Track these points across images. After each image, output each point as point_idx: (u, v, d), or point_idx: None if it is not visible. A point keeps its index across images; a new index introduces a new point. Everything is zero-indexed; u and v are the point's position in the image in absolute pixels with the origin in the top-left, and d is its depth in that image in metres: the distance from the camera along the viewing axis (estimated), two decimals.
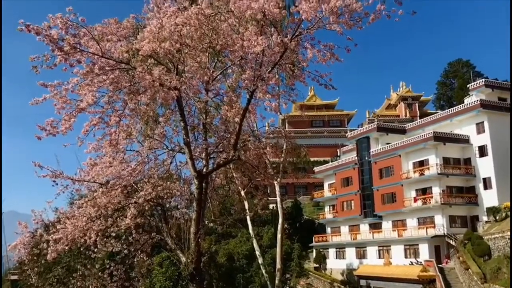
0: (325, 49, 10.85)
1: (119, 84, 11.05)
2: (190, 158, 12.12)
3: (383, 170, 64.71)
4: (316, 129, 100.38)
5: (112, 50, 10.71)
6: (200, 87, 12.59)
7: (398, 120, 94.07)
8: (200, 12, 9.90)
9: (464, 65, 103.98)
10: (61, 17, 9.43)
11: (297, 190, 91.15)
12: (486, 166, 56.56)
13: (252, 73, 11.04)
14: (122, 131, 11.95)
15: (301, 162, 29.43)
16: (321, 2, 9.33)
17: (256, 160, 14.25)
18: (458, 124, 60.37)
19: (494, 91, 60.41)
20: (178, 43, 10.47)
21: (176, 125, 13.49)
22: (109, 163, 12.52)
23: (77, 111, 11.12)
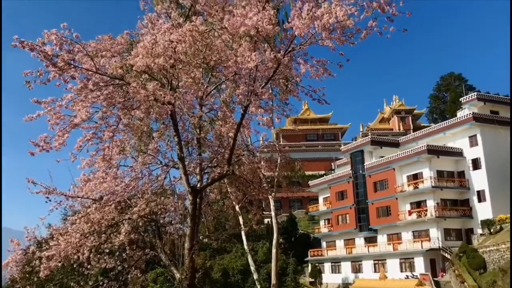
0: (318, 65, 10.96)
1: (113, 99, 11.08)
2: (184, 173, 12.10)
3: (377, 183, 64.79)
4: (310, 142, 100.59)
5: (106, 66, 10.75)
6: (194, 102, 12.63)
7: (391, 133, 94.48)
8: (194, 28, 9.97)
9: (456, 79, 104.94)
10: (56, 33, 9.47)
11: (292, 204, 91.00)
12: (479, 179, 56.79)
13: (246, 88, 11.10)
14: (115, 146, 11.94)
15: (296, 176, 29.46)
16: (314, 19, 9.43)
17: (250, 174, 14.25)
18: (451, 137, 60.73)
19: (486, 104, 60.95)
20: (172, 58, 10.52)
21: (170, 140, 13.50)
22: (102, 179, 12.46)
23: (71, 127, 11.13)
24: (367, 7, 9.75)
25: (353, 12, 9.73)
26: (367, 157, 67.92)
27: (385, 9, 9.67)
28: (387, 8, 9.59)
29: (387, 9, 9.63)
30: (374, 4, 9.68)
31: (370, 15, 9.89)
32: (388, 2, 9.59)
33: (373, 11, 9.82)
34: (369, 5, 9.72)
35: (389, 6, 9.61)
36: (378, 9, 9.71)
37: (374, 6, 9.69)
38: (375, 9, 9.74)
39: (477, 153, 57.70)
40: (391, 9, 9.61)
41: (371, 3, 9.70)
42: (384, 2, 9.58)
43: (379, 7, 9.67)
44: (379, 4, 9.61)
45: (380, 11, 9.68)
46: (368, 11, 9.82)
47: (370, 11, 9.82)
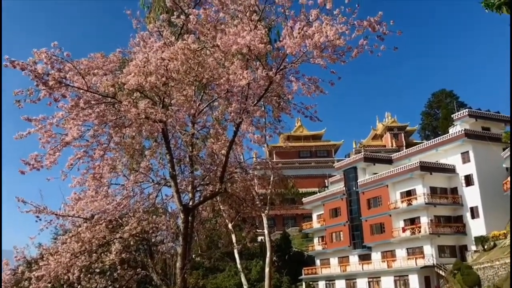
0: (310, 82, 11.03)
1: (104, 117, 11.05)
2: (176, 192, 12.01)
3: (371, 200, 64.76)
4: (304, 159, 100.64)
5: (98, 84, 10.74)
6: (186, 119, 12.62)
7: (384, 150, 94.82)
8: (186, 47, 10.01)
9: (448, 96, 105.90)
10: (46, 51, 9.47)
11: (286, 221, 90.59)
12: (472, 195, 56.95)
13: (238, 106, 11.13)
14: (106, 164, 11.87)
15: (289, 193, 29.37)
16: (305, 38, 9.51)
17: (243, 192, 14.17)
18: (444, 153, 61.05)
19: (477, 121, 61.48)
20: (164, 76, 10.54)
21: (162, 158, 13.43)
22: (92, 197, 12.35)
23: (62, 145, 11.07)
24: (358, 26, 9.87)
25: (344, 31, 9.84)
26: (360, 174, 68.00)
27: (376, 28, 9.79)
28: (378, 27, 9.70)
29: (378, 28, 9.74)
30: (364, 23, 9.79)
31: (361, 33, 10.01)
32: (378, 21, 9.71)
33: (364, 30, 9.93)
34: (360, 24, 9.84)
35: (380, 25, 9.73)
36: (369, 28, 9.83)
37: (364, 25, 9.80)
38: (365, 28, 9.86)
39: (469, 170, 57.97)
40: (382, 28, 9.73)
41: (361, 22, 9.82)
42: (374, 21, 9.70)
43: (369, 26, 9.78)
44: (370, 23, 9.73)
45: (371, 30, 9.80)
46: (359, 30, 9.93)
47: (361, 30, 9.93)
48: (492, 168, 56.09)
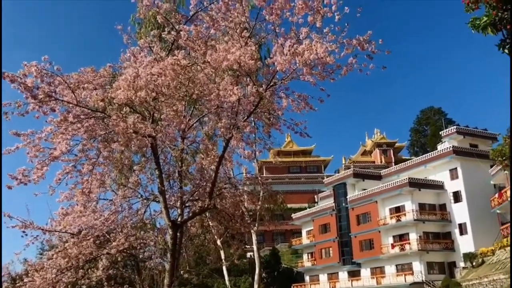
0: (300, 99, 11.12)
1: (93, 132, 11.00)
2: (164, 207, 11.93)
3: (360, 216, 64.82)
4: (294, 175, 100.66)
5: (87, 99, 10.72)
6: (176, 134, 12.60)
7: (373, 166, 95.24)
8: (176, 62, 10.05)
9: (436, 113, 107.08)
10: (36, 65, 9.45)
11: (275, 237, 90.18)
12: (461, 211, 57.27)
13: (228, 121, 11.15)
14: (95, 179, 11.78)
15: (278, 209, 29.28)
16: (295, 55, 9.61)
17: (232, 208, 14.09)
18: (432, 170, 61.46)
19: (465, 138, 62.12)
20: (154, 92, 10.55)
21: (152, 173, 13.36)
22: (80, 212, 12.22)
23: (50, 160, 10.98)
24: (347, 45, 10.00)
25: (334, 49, 9.96)
26: (350, 189, 68.15)
27: (365, 47, 9.92)
28: (366, 46, 9.84)
29: (367, 47, 9.88)
30: (354, 42, 9.93)
31: (351, 52, 10.14)
32: (367, 40, 9.85)
33: (353, 49, 10.07)
34: (349, 43, 9.97)
35: (368, 44, 9.87)
36: (358, 47, 9.97)
37: (354, 43, 9.94)
38: (355, 47, 9.99)
39: (457, 186, 58.37)
40: (370, 47, 9.87)
41: (351, 40, 9.95)
42: (363, 40, 9.84)
43: (358, 45, 9.92)
44: (359, 42, 9.86)
45: (360, 48, 9.93)
46: (348, 49, 10.07)
47: (350, 49, 10.07)
48: (480, 185, 56.53)
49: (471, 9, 8.95)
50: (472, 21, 8.67)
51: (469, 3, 8.93)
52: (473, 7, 8.90)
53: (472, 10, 8.96)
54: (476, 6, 8.85)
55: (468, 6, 8.96)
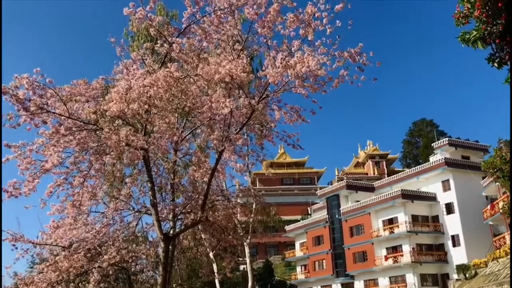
0: (292, 111, 11.17)
1: (85, 144, 10.97)
2: (156, 220, 11.87)
3: (353, 228, 64.73)
4: (287, 187, 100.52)
5: (79, 111, 10.70)
6: (169, 147, 12.58)
7: (366, 177, 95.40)
8: (169, 74, 10.07)
9: (428, 125, 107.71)
10: (28, 77, 9.44)
11: (269, 249, 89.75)
12: (453, 223, 57.35)
13: (221, 133, 11.17)
14: (86, 192, 11.71)
15: (271, 221, 29.19)
16: (287, 67, 9.67)
17: (225, 220, 14.05)
18: (425, 181, 61.62)
19: (457, 150, 62.40)
20: (147, 104, 10.55)
21: (143, 186, 13.30)
22: (70, 225, 12.12)
23: (42, 172, 10.92)
24: (338, 57, 10.10)
25: (325, 62, 10.05)
26: (343, 201, 68.13)
27: (356, 59, 10.02)
28: (358, 58, 9.93)
29: (358, 59, 9.97)
30: (345, 54, 10.03)
31: (342, 64, 10.23)
32: (358, 53, 9.95)
33: (344, 61, 10.16)
34: (340, 55, 10.07)
35: (359, 56, 9.97)
36: (349, 59, 10.06)
37: (345, 56, 10.04)
38: (346, 59, 10.09)
39: (450, 198, 58.52)
40: (362, 59, 9.96)
41: (342, 53, 10.05)
42: (354, 52, 9.94)
43: (350, 57, 10.02)
44: (350, 54, 9.96)
45: (351, 61, 10.03)
46: (339, 61, 10.16)
47: (341, 61, 10.16)
48: (472, 196, 56.70)
49: (461, 23, 9.05)
50: (462, 35, 8.77)
51: (459, 18, 9.04)
52: (463, 22, 9.00)
53: (462, 24, 9.06)
54: (466, 21, 8.96)
55: (459, 21, 9.07)
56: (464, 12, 8.88)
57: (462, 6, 8.91)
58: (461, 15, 8.97)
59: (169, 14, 18.84)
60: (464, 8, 8.86)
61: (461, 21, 9.00)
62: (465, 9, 8.84)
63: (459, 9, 9.00)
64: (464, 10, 8.85)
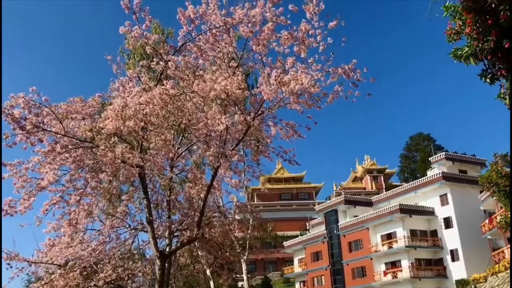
0: (287, 127, 11.23)
1: (81, 162, 10.98)
2: (152, 237, 11.82)
3: (352, 243, 64.39)
4: (285, 202, 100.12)
5: (75, 129, 10.73)
6: (165, 163, 12.60)
7: (364, 192, 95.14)
8: (164, 92, 10.14)
9: (425, 139, 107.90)
10: (23, 96, 9.49)
11: (267, 266, 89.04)
12: (452, 238, 57.12)
13: (216, 150, 11.19)
14: (82, 210, 11.68)
15: (268, 237, 29.02)
16: (281, 85, 9.74)
17: (221, 237, 14.00)
18: (423, 196, 61.53)
19: (454, 164, 62.43)
20: (143, 121, 10.59)
21: (140, 203, 13.29)
22: (67, 243, 12.07)
23: (38, 190, 10.91)
24: (332, 73, 10.19)
25: (320, 78, 10.13)
26: (341, 216, 67.87)
27: (350, 75, 10.12)
28: (352, 74, 10.03)
29: (352, 75, 10.07)
30: (339, 70, 10.12)
31: (336, 80, 10.33)
32: (352, 69, 10.05)
33: (338, 77, 10.25)
34: (334, 71, 10.16)
35: (353, 72, 10.06)
36: (343, 75, 10.15)
37: (339, 72, 10.13)
38: (340, 75, 10.18)
39: (448, 212, 58.38)
40: (355, 75, 10.06)
41: (336, 69, 10.14)
42: (348, 68, 10.04)
43: (344, 73, 10.11)
44: (344, 70, 10.06)
45: (345, 77, 10.12)
46: (333, 77, 10.25)
47: (335, 77, 10.25)
48: (470, 210, 56.60)
49: (453, 39, 9.17)
50: (454, 52, 8.87)
51: (451, 34, 9.16)
52: (455, 38, 9.12)
53: (454, 40, 9.17)
54: (458, 37, 9.08)
55: (450, 37, 9.18)
56: (455, 28, 9.00)
57: (454, 23, 9.05)
58: (453, 32, 9.08)
59: (164, 32, 19.02)
60: (455, 25, 8.99)
61: (453, 37, 9.11)
62: (456, 26, 8.97)
63: (451, 25, 9.14)
64: (455, 27, 8.97)
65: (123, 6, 10.23)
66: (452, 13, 8.77)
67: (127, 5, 10.24)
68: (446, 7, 8.88)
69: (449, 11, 8.83)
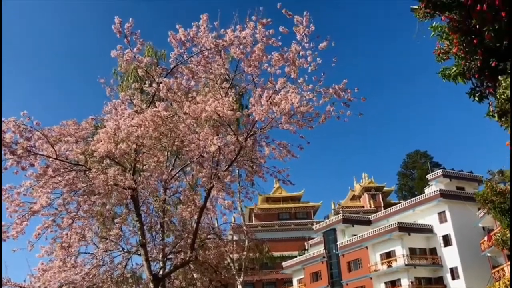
0: (280, 147, 11.24)
1: (74, 185, 10.93)
2: (146, 260, 11.70)
3: (351, 263, 63.85)
4: (283, 222, 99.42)
5: (67, 152, 10.71)
6: (158, 185, 12.55)
7: (363, 211, 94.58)
8: (156, 114, 10.16)
9: (422, 156, 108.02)
10: (14, 120, 9.48)
11: (266, 287, 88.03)
12: (451, 255, 56.70)
13: (209, 171, 11.17)
14: (74, 233, 11.59)
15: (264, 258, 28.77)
16: (272, 105, 9.79)
17: (216, 259, 13.87)
18: (421, 214, 61.27)
19: (452, 181, 62.35)
20: (135, 143, 10.59)
21: (134, 225, 13.19)
22: (59, 268, 11.93)
23: (30, 214, 10.82)
24: (324, 93, 10.25)
25: (311, 98, 10.19)
26: (340, 235, 67.44)
27: (341, 95, 10.18)
28: (342, 94, 10.09)
29: (343, 95, 10.13)
30: (330, 90, 10.19)
31: (328, 100, 10.38)
32: (343, 88, 10.11)
33: (330, 97, 10.31)
34: (326, 91, 10.23)
35: (344, 92, 10.13)
36: (335, 95, 10.21)
37: (330, 92, 10.19)
38: (331, 95, 10.24)
39: (447, 230, 58.07)
40: (346, 95, 10.12)
41: (327, 89, 10.21)
42: (339, 88, 10.10)
43: (335, 93, 10.17)
44: (335, 90, 10.12)
45: (336, 96, 10.18)
46: (325, 97, 10.31)
47: (327, 97, 10.31)
48: (469, 227, 56.32)
49: (442, 59, 9.28)
50: (443, 71, 8.97)
51: (439, 54, 9.27)
52: (443, 58, 9.23)
53: (443, 60, 9.29)
54: (447, 57, 9.19)
55: (439, 57, 9.30)
56: (444, 48, 9.12)
57: (442, 43, 9.17)
58: (441, 51, 9.20)
59: (157, 54, 19.15)
60: (444, 45, 9.11)
61: (442, 57, 9.23)
62: (444, 46, 9.09)
63: (439, 45, 9.25)
64: (444, 47, 9.09)
65: (115, 30, 10.32)
66: (439, 33, 8.90)
67: (118, 29, 10.34)
68: (434, 27, 9.02)
69: (436, 32, 8.96)
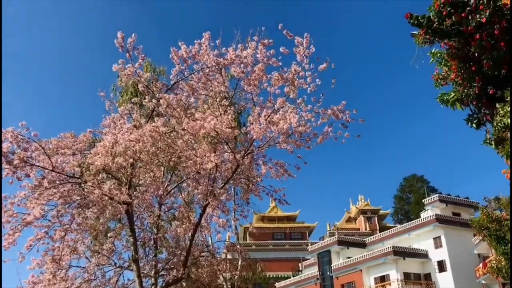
0: (277, 166, 11.24)
1: (69, 197, 10.87)
2: (137, 276, 11.56)
3: (345, 285, 63.29)
4: (278, 241, 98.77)
5: (63, 164, 10.68)
6: (153, 201, 12.50)
7: (358, 233, 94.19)
8: (155, 129, 10.18)
9: (419, 180, 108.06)
10: (12, 131, 9.49)
11: None
12: (446, 281, 56.25)
13: (205, 188, 11.14)
14: (66, 246, 11.48)
15: (258, 278, 28.49)
16: (270, 124, 9.83)
17: (209, 277, 13.72)
18: (416, 238, 61.01)
19: (448, 206, 62.25)
20: (132, 158, 10.58)
21: (127, 240, 13.08)
22: (49, 281, 11.78)
23: (23, 225, 10.73)
24: (322, 114, 10.30)
25: (310, 118, 10.24)
26: (334, 257, 67.00)
27: (339, 116, 10.24)
28: (341, 115, 10.15)
29: (341, 116, 10.18)
30: (329, 111, 10.25)
31: (326, 121, 10.43)
32: (342, 110, 10.17)
33: (329, 118, 10.37)
34: (324, 112, 10.28)
35: (343, 114, 10.19)
36: (333, 116, 10.27)
37: (329, 113, 10.25)
38: (330, 116, 10.29)
39: (442, 255, 57.74)
40: (345, 116, 10.18)
41: (326, 110, 10.27)
42: (337, 109, 10.16)
43: (333, 114, 10.22)
44: (333, 111, 10.18)
45: (334, 117, 10.23)
46: (324, 118, 10.36)
47: (325, 118, 10.37)
48: (464, 253, 56.05)
49: (440, 84, 9.36)
50: (441, 96, 9.04)
51: (438, 79, 9.35)
52: (442, 83, 9.31)
53: (441, 85, 9.37)
54: (445, 82, 9.27)
55: (437, 82, 9.38)
56: (442, 74, 9.20)
57: (441, 69, 9.25)
58: (439, 77, 9.28)
59: (156, 70, 19.29)
60: (442, 71, 9.19)
61: (440, 82, 9.30)
62: (443, 72, 9.17)
63: (438, 71, 9.34)
64: (442, 73, 9.17)
65: (117, 45, 10.41)
66: (438, 59, 9.00)
67: (121, 44, 10.42)
68: (433, 53, 9.12)
69: (435, 57, 9.06)
